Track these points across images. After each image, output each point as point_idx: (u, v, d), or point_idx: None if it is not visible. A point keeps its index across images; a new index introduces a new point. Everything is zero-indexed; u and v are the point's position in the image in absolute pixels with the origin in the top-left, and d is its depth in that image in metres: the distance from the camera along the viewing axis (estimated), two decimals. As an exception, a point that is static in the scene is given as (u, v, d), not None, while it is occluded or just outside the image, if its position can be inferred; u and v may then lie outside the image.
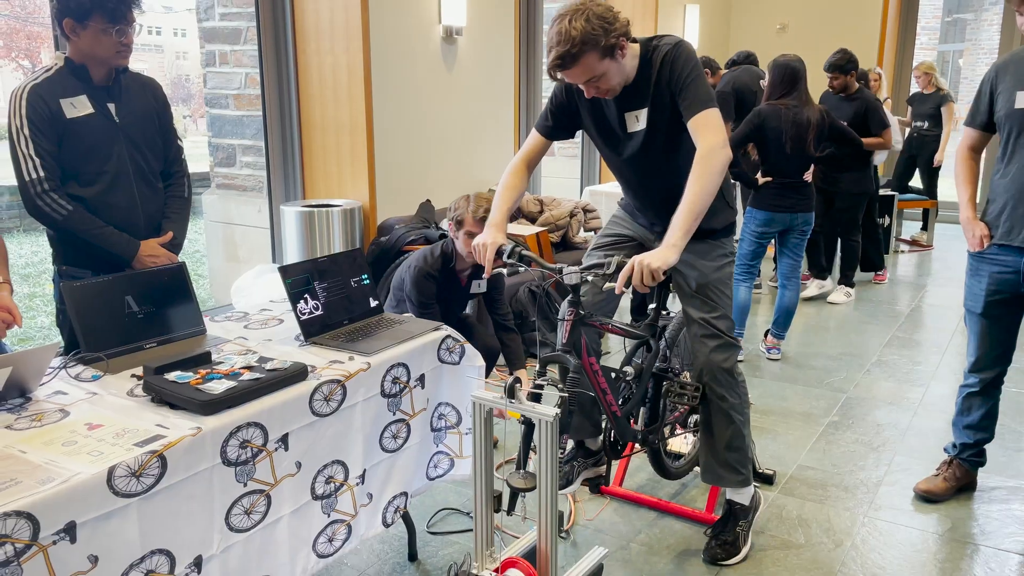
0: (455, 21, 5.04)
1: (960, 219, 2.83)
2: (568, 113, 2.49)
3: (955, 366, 4.45)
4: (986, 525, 2.83)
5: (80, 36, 2.38)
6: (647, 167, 2.46)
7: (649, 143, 2.40)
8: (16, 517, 1.38)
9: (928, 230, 7.76)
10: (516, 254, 2.30)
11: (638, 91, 2.34)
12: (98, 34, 2.38)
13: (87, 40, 2.38)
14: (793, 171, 4.23)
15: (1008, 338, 2.83)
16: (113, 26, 2.37)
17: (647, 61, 2.32)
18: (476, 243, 2.34)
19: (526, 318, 4.44)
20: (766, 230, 4.33)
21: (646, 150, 2.42)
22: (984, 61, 18.23)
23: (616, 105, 2.39)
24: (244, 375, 1.91)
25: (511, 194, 2.48)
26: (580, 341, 2.33)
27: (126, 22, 2.40)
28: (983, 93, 2.78)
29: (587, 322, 2.37)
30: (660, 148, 2.40)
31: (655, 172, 2.46)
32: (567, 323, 2.31)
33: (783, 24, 8.74)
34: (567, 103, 2.48)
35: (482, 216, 3.03)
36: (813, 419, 3.73)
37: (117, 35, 2.39)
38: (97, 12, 2.35)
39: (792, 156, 4.20)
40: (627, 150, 2.46)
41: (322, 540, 2.07)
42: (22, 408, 1.79)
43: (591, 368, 2.39)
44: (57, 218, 2.40)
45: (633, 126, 2.40)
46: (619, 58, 2.23)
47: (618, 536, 2.77)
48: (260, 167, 4.85)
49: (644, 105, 2.35)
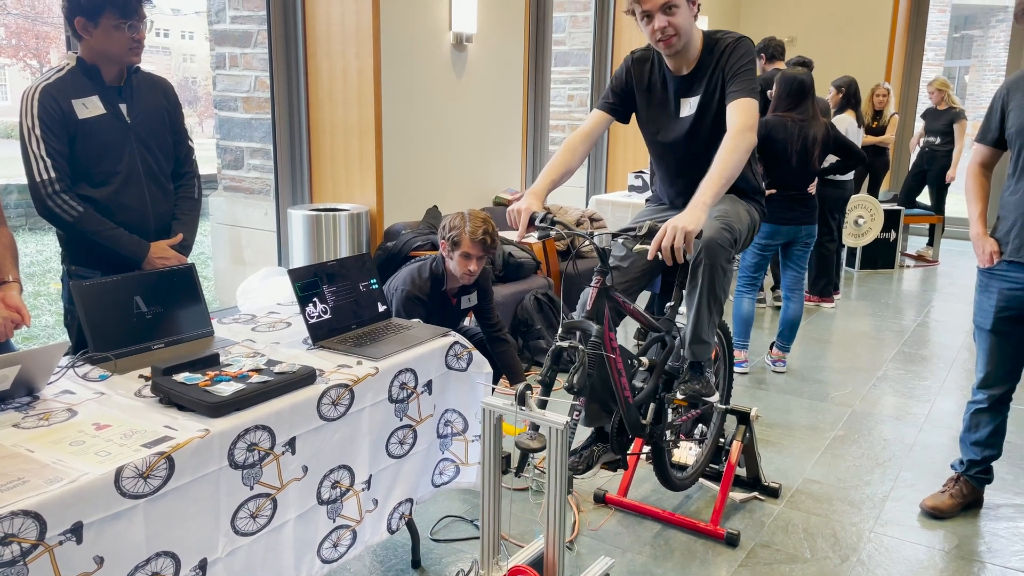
0: (465, 28, 5.05)
1: (970, 235, 2.83)
2: (628, 95, 2.63)
3: (961, 382, 4.43)
4: (993, 543, 2.81)
5: (92, 34, 2.37)
6: (688, 154, 2.58)
7: (695, 129, 2.53)
8: (23, 516, 1.37)
9: (934, 245, 7.75)
10: (548, 219, 2.33)
11: (696, 78, 2.50)
12: (110, 31, 2.37)
13: (99, 38, 2.38)
14: (797, 184, 4.23)
15: (1017, 355, 2.82)
16: (125, 21, 2.37)
17: (709, 51, 2.47)
18: (511, 209, 2.37)
19: (532, 326, 4.43)
20: (770, 242, 4.32)
21: (691, 136, 2.55)
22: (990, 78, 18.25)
23: (674, 89, 2.54)
24: (253, 378, 1.91)
25: (559, 168, 2.53)
26: (604, 311, 2.35)
27: (138, 17, 2.40)
28: (994, 110, 2.78)
29: (611, 295, 2.38)
30: (704, 136, 2.53)
31: (695, 159, 2.56)
32: (593, 290, 2.33)
33: (791, 37, 8.75)
34: (627, 86, 2.62)
35: (480, 238, 2.96)
36: (819, 433, 3.71)
37: (129, 31, 2.39)
38: (108, 8, 2.34)
39: (797, 169, 4.20)
40: (672, 134, 2.58)
41: (327, 545, 2.06)
42: (29, 407, 1.78)
43: (610, 344, 2.39)
44: (68, 220, 2.39)
45: (686, 112, 2.54)
46: (692, 8, 2.40)
47: (622, 547, 2.75)
48: (268, 170, 4.86)
49: (698, 92, 2.50)
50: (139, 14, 2.40)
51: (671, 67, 2.54)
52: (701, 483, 3.15)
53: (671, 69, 2.54)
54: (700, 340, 2.59)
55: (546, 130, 6.32)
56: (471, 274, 3.03)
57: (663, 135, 2.62)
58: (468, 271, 3.01)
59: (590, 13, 7.22)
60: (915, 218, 7.58)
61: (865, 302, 6.14)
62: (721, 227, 2.45)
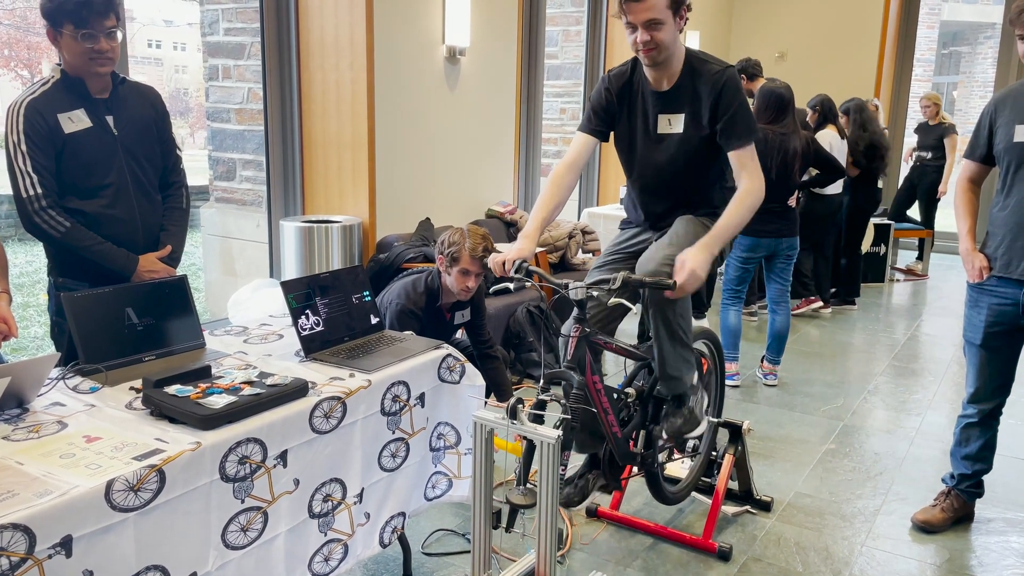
0: (459, 42, 5.07)
1: (960, 250, 2.84)
2: (608, 112, 2.60)
3: (951, 395, 4.45)
4: (984, 557, 2.82)
5: (60, 45, 2.34)
6: (664, 171, 2.57)
7: (672, 148, 2.53)
8: (12, 530, 1.36)
9: (924, 259, 7.80)
10: (523, 269, 2.33)
11: (678, 96, 2.49)
12: (71, 41, 2.31)
13: (66, 48, 2.33)
14: (777, 197, 4.24)
15: (1007, 369, 2.84)
16: (79, 31, 2.29)
17: (690, 70, 2.46)
18: (496, 260, 2.35)
19: (524, 338, 4.43)
20: (751, 255, 4.34)
21: (667, 153, 2.54)
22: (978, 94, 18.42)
23: (653, 105, 2.53)
24: (244, 390, 1.90)
25: (548, 204, 2.51)
26: (585, 358, 2.33)
27: (97, 28, 2.30)
28: (982, 126, 2.80)
29: (591, 340, 2.37)
30: (682, 160, 2.53)
31: (670, 178, 2.57)
32: (572, 340, 2.32)
33: (782, 53, 8.83)
34: (607, 104, 2.59)
35: (480, 255, 2.96)
36: (810, 446, 3.72)
37: (86, 40, 2.30)
38: (65, 18, 2.29)
39: (777, 183, 4.20)
40: (648, 149, 2.57)
41: (318, 559, 2.05)
42: (19, 419, 1.77)
43: (594, 387, 2.38)
44: (55, 235, 2.36)
45: (664, 128, 2.53)
46: (678, 24, 2.39)
47: (614, 560, 2.74)
48: (260, 182, 4.85)
49: (681, 111, 2.49)
50: (98, 26, 2.30)
51: (650, 79, 2.51)
52: (693, 496, 3.14)
53: (650, 82, 2.52)
54: (669, 376, 2.57)
55: (538, 143, 6.35)
56: (468, 290, 3.03)
57: (639, 150, 2.58)
58: (466, 287, 3.01)
59: (582, 27, 7.26)
60: (905, 232, 7.63)
61: (855, 315, 6.17)
62: (662, 263, 2.41)
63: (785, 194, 4.27)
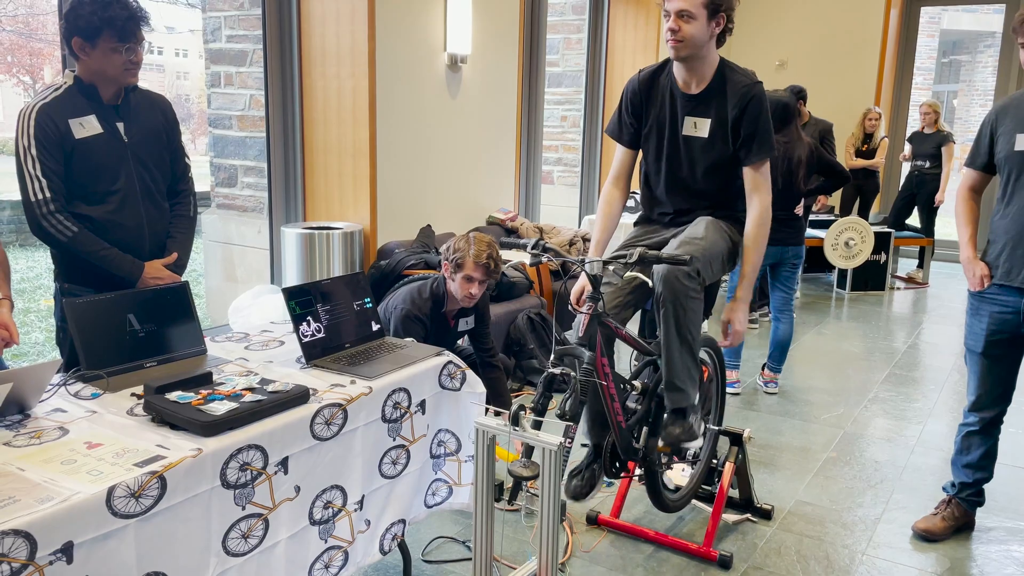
0: (460, 49, 5.08)
1: (961, 258, 2.85)
2: (637, 115, 2.68)
3: (952, 404, 4.44)
4: (985, 566, 2.81)
5: (90, 55, 2.37)
6: (684, 172, 2.64)
7: (696, 151, 2.59)
8: (14, 536, 1.36)
9: (924, 267, 7.80)
10: (540, 246, 2.37)
11: (707, 101, 2.55)
12: (107, 53, 2.36)
13: (96, 59, 2.37)
14: (783, 205, 4.24)
15: (1008, 378, 2.84)
16: (123, 44, 2.36)
17: (721, 78, 2.53)
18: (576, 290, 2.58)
19: (524, 345, 4.42)
20: None
21: (690, 156, 2.61)
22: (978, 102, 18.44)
23: (681, 107, 2.57)
24: (246, 396, 1.90)
25: (603, 227, 2.74)
26: (596, 337, 2.35)
27: (135, 40, 2.39)
28: (983, 135, 2.81)
29: (604, 321, 2.39)
30: (704, 164, 2.60)
31: (688, 180, 2.65)
32: (585, 316, 2.34)
33: (782, 61, 8.85)
34: (636, 104, 2.66)
35: (484, 262, 2.98)
36: (811, 454, 3.71)
37: (127, 53, 2.38)
38: (106, 30, 2.33)
39: (782, 191, 4.21)
40: (673, 149, 2.63)
41: (319, 567, 2.04)
42: (21, 425, 1.77)
43: (603, 368, 2.39)
44: (62, 240, 2.38)
45: (689, 130, 2.59)
46: (712, 27, 2.45)
47: (615, 569, 2.74)
48: (261, 188, 4.86)
49: (707, 116, 2.55)
50: (136, 37, 2.39)
51: (679, 80, 2.57)
52: (694, 504, 3.14)
53: (679, 84, 2.57)
54: (675, 387, 2.54)
55: (539, 150, 6.36)
56: (472, 297, 3.03)
57: (665, 148, 2.64)
58: (469, 294, 3.02)
59: (583, 35, 7.29)
60: (905, 240, 7.63)
61: (856, 324, 6.17)
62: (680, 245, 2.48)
63: (791, 202, 4.28)
